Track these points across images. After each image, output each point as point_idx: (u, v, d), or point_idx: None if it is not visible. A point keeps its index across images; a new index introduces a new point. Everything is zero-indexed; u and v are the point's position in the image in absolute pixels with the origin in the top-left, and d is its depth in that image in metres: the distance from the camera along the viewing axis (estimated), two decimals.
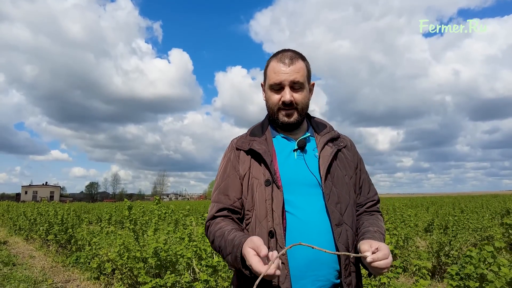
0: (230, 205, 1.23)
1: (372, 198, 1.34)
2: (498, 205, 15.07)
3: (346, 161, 1.29)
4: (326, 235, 1.12)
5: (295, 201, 1.15)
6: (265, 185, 1.16)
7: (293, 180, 1.18)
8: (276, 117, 1.27)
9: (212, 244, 1.20)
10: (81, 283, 5.52)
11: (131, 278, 4.15)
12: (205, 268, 3.08)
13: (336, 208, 1.15)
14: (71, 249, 6.95)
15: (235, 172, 1.26)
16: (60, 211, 7.55)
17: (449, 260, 5.18)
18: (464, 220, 7.42)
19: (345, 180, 1.23)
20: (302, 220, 1.12)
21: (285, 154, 1.24)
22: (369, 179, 1.38)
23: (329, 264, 1.12)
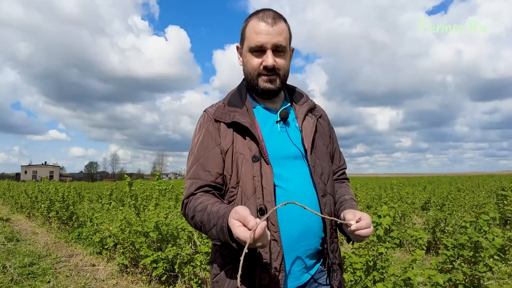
0: (212, 182, 1.14)
1: (342, 166, 1.38)
2: (494, 184, 15.26)
3: (323, 131, 1.28)
4: (313, 206, 1.13)
5: (283, 174, 1.12)
6: (253, 161, 1.09)
7: (279, 153, 1.14)
8: (255, 83, 1.17)
9: (192, 220, 1.12)
10: (84, 257, 5.64)
11: (132, 252, 4.24)
12: (206, 240, 3.15)
13: (321, 179, 1.16)
14: (73, 226, 7.06)
15: (215, 145, 1.15)
16: (61, 188, 7.62)
17: (444, 236, 5.29)
18: (460, 198, 7.53)
19: (324, 150, 1.24)
20: (291, 193, 1.11)
21: (269, 127, 1.18)
22: (339, 148, 1.40)
23: (316, 233, 1.14)
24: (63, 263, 5.36)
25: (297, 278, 1.12)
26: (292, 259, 1.10)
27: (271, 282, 1.05)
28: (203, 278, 3.58)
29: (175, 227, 3.65)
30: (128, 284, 4.25)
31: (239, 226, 0.85)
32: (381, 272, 2.14)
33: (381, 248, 2.09)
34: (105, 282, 4.39)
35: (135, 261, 4.46)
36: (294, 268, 1.11)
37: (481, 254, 1.72)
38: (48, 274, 4.68)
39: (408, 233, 2.24)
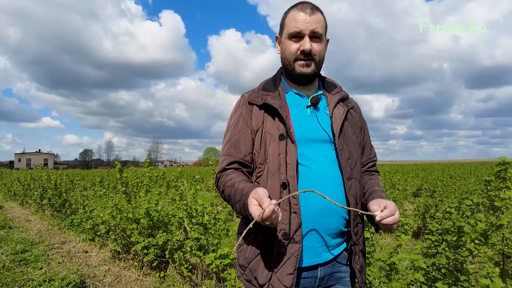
0: (241, 159, 1.24)
1: (372, 158, 1.41)
2: (485, 171, 15.46)
3: (354, 121, 1.34)
4: (337, 187, 1.18)
5: (308, 155, 1.18)
6: (279, 140, 1.17)
7: (306, 135, 1.20)
8: (292, 68, 1.25)
9: (222, 194, 1.24)
10: (77, 244, 5.65)
11: (124, 239, 4.26)
12: (196, 226, 3.16)
13: (348, 163, 1.21)
14: (65, 213, 7.06)
15: (247, 126, 1.26)
16: (53, 176, 7.58)
17: (433, 222, 5.37)
18: (451, 184, 7.62)
19: (354, 138, 1.28)
20: (315, 172, 1.17)
21: (298, 110, 1.26)
22: (370, 141, 1.43)
23: (339, 213, 1.18)
24: (55, 250, 5.38)
25: (318, 254, 1.17)
26: (312, 234, 1.15)
27: (288, 252, 1.12)
28: (193, 263, 3.61)
29: (166, 213, 3.65)
30: (120, 270, 4.28)
31: (255, 204, 0.96)
32: (367, 257, 2.16)
33: (367, 233, 2.10)
34: (97, 268, 4.42)
35: (127, 247, 4.48)
36: (313, 243, 1.16)
37: (462, 239, 1.74)
38: (40, 260, 4.70)
39: None
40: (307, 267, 1.17)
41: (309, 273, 1.18)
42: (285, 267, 1.11)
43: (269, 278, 1.13)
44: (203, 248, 3.14)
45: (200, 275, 3.47)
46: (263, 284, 1.15)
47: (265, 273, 1.15)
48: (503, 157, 1.68)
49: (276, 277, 1.12)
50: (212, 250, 2.98)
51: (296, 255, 1.11)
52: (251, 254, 1.20)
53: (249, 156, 1.25)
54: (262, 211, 0.91)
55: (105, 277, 4.10)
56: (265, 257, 1.16)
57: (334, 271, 1.22)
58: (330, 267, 1.21)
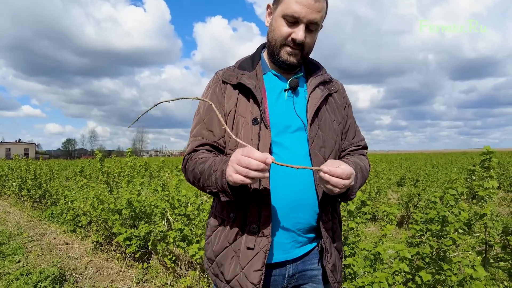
0: (214, 142, 1.15)
1: (356, 143, 1.28)
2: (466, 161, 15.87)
3: (336, 106, 1.23)
4: (307, 179, 1.10)
5: (283, 143, 1.10)
6: (253, 124, 1.08)
7: (281, 121, 1.12)
8: (277, 52, 1.13)
9: (191, 173, 1.11)
10: (58, 236, 5.51)
11: (106, 230, 4.15)
12: (179, 217, 3.09)
13: (320, 152, 1.11)
14: (46, 204, 6.86)
15: (220, 107, 1.16)
16: (33, 166, 7.33)
17: (416, 210, 5.46)
18: (434, 174, 7.76)
19: (332, 125, 1.18)
20: (287, 162, 1.07)
21: (276, 93, 1.16)
22: (356, 125, 1.32)
23: (310, 207, 1.10)
24: (35, 242, 5.22)
25: (286, 251, 1.10)
26: (282, 229, 1.08)
27: (256, 246, 1.05)
28: (177, 254, 3.56)
29: (148, 203, 3.56)
30: (102, 261, 4.19)
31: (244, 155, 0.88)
32: (352, 247, 2.15)
33: (352, 223, 2.09)
34: (78, 260, 4.31)
35: (109, 238, 4.38)
36: (282, 239, 1.09)
37: (446, 228, 1.73)
38: (18, 253, 4.55)
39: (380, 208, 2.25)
40: (276, 264, 1.10)
41: (277, 271, 1.11)
42: (252, 263, 1.04)
43: (236, 274, 1.06)
44: (186, 239, 3.08)
45: (184, 266, 3.42)
46: (229, 280, 1.08)
47: (231, 268, 1.08)
48: (487, 146, 1.67)
49: (243, 273, 1.05)
50: (196, 241, 2.92)
51: (264, 250, 1.04)
52: (218, 247, 1.13)
53: (222, 140, 1.15)
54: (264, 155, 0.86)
55: (87, 269, 4.01)
56: (233, 251, 1.09)
57: (305, 268, 1.14)
58: (300, 264, 1.13)
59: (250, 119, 1.09)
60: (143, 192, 3.92)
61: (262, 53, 1.26)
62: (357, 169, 1.11)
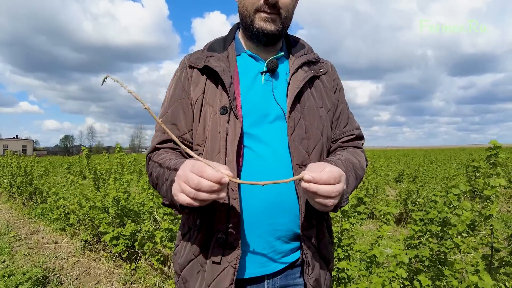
0: (178, 137, 0.99)
1: (349, 132, 1.09)
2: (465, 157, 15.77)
3: (325, 91, 1.05)
4: (286, 176, 0.91)
5: (258, 135, 0.93)
6: (220, 114, 0.92)
7: (257, 109, 0.95)
8: (251, 21, 0.96)
9: (150, 178, 0.99)
10: (47, 234, 5.36)
11: (94, 229, 4.00)
12: (167, 216, 2.94)
13: (302, 144, 0.93)
14: (37, 201, 6.71)
15: (186, 96, 1.00)
16: (23, 162, 7.16)
17: (415, 207, 5.33)
18: (433, 170, 7.63)
19: (319, 112, 1.00)
20: (262, 157, 0.92)
21: (251, 77, 0.99)
22: (349, 111, 1.14)
23: (291, 211, 0.93)
24: (23, 241, 5.07)
25: (263, 264, 0.94)
26: (257, 238, 0.92)
27: (223, 260, 0.88)
28: (166, 255, 3.41)
29: (136, 202, 3.41)
30: (90, 261, 4.04)
31: (191, 171, 0.73)
32: (346, 250, 2.00)
33: (346, 224, 1.94)
34: (66, 260, 4.16)
35: (97, 237, 4.23)
36: (258, 249, 0.92)
37: (448, 231, 1.59)
38: (4, 253, 4.39)
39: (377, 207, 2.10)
40: (251, 279, 0.93)
41: (253, 287, 0.94)
42: (220, 280, 0.88)
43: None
44: (174, 239, 2.93)
45: (172, 267, 3.28)
46: None
47: (197, 285, 0.92)
48: (494, 140, 1.52)
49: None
50: None
51: (233, 264, 0.87)
52: (183, 259, 0.97)
53: (189, 135, 1.00)
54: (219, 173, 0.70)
55: (73, 270, 3.86)
56: (199, 265, 0.93)
57: (287, 283, 0.98)
58: (282, 278, 0.97)
59: (218, 108, 0.93)
60: (132, 189, 3.77)
61: (236, 33, 1.09)
62: (348, 168, 0.94)
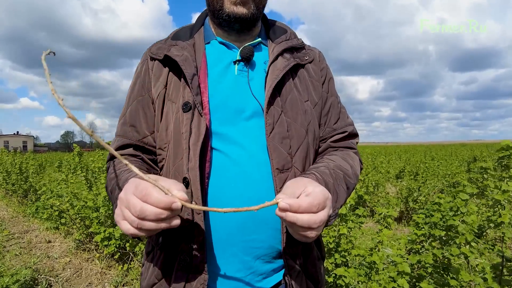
0: (138, 141, 0.86)
1: (341, 129, 0.93)
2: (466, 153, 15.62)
3: (311, 82, 0.91)
4: (264, 184, 0.78)
5: (229, 135, 0.79)
6: (183, 111, 0.78)
7: (229, 104, 0.81)
8: (219, 6, 0.83)
9: (107, 191, 0.86)
10: (40, 233, 5.25)
11: (86, 228, 3.89)
12: None
13: (282, 145, 0.79)
14: (31, 199, 6.60)
15: (146, 93, 0.87)
16: (18, 159, 7.04)
17: (416, 206, 5.21)
18: (434, 167, 7.50)
19: (303, 106, 0.86)
20: (235, 162, 0.77)
21: (221, 67, 0.85)
22: (340, 105, 0.98)
23: (270, 224, 0.79)
24: (15, 240, 4.96)
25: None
26: (229, 259, 0.78)
27: (187, 287, 0.74)
28: None
29: None
30: (82, 262, 3.93)
31: (133, 194, 0.60)
32: (344, 255, 1.88)
33: (343, 228, 1.81)
34: (57, 260, 4.05)
35: (90, 237, 4.12)
36: (232, 272, 0.78)
37: (456, 240, 1.46)
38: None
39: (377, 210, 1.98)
40: None
41: None
42: None
43: None
44: None
45: None
46: None
47: None
48: (507, 141, 1.39)
49: None
50: None
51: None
52: (146, 283, 0.83)
53: (151, 138, 0.87)
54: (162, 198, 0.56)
55: (64, 271, 3.75)
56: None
57: None
58: None
59: (181, 105, 0.80)
60: None
61: (205, 19, 0.95)
62: (338, 179, 0.79)
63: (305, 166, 0.84)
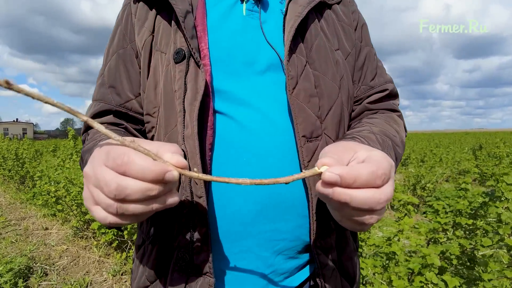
0: (120, 106, 0.67)
1: (380, 87, 0.73)
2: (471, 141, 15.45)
3: (341, 27, 0.71)
4: (286, 157, 0.60)
5: (238, 93, 0.60)
6: (175, 61, 0.59)
7: (235, 54, 0.62)
8: None
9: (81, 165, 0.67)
10: (37, 220, 5.13)
11: (82, 215, 3.74)
12: None
13: (310, 104, 0.60)
14: (28, 186, 6.47)
15: (128, 44, 0.68)
16: (13, 145, 6.89)
17: (424, 193, 5.05)
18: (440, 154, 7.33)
19: (334, 56, 0.66)
20: (247, 128, 0.59)
21: (225, 7, 0.65)
22: (376, 58, 0.77)
23: (296, 209, 0.60)
24: (12, 227, 4.84)
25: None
26: (242, 255, 0.60)
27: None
28: None
29: None
30: (79, 250, 3.80)
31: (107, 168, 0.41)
32: (360, 246, 1.72)
33: None
34: (54, 248, 3.93)
35: (87, 224, 3.98)
36: (244, 272, 0.60)
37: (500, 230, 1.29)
38: None
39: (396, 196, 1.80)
40: None
41: None
42: None
43: None
44: None
45: None
46: None
47: None
48: None
49: None
50: None
51: None
52: (136, 285, 0.66)
53: (136, 102, 0.68)
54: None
55: (61, 259, 3.62)
56: None
57: None
58: None
59: (172, 54, 0.61)
60: None
61: None
62: (385, 148, 0.59)
63: (339, 133, 0.65)
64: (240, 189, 0.58)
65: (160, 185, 0.39)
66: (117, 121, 0.67)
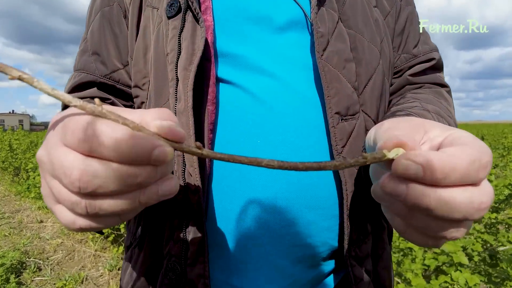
0: (105, 77, 0.54)
1: (425, 56, 0.59)
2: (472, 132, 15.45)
3: None
4: (313, 138, 0.46)
5: (248, 57, 0.47)
6: (168, 16, 0.47)
7: (245, 8, 0.48)
8: None
9: None
10: (32, 212, 5.00)
11: None
12: None
13: (345, 71, 0.46)
14: (23, 177, 6.33)
15: (114, 1, 0.55)
16: (6, 136, 6.73)
17: None
18: None
19: (372, 13, 0.53)
20: (261, 101, 0.45)
21: None
22: (418, 21, 0.61)
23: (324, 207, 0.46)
24: (5, 220, 4.71)
25: None
26: (253, 264, 0.47)
27: None
28: None
29: None
30: (75, 243, 3.68)
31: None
32: None
33: None
34: (49, 242, 3.80)
35: None
36: (255, 284, 0.47)
37: None
38: None
39: None
40: None
41: None
42: None
43: None
44: None
45: None
46: None
47: None
48: None
49: None
50: None
51: None
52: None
53: (125, 72, 0.55)
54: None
55: (55, 253, 3.50)
56: None
57: None
58: None
59: (165, 7, 0.47)
60: None
61: None
62: (449, 122, 0.48)
63: (379, 111, 0.51)
64: (252, 178, 0.44)
65: (147, 168, 0.25)
66: (102, 95, 0.53)
